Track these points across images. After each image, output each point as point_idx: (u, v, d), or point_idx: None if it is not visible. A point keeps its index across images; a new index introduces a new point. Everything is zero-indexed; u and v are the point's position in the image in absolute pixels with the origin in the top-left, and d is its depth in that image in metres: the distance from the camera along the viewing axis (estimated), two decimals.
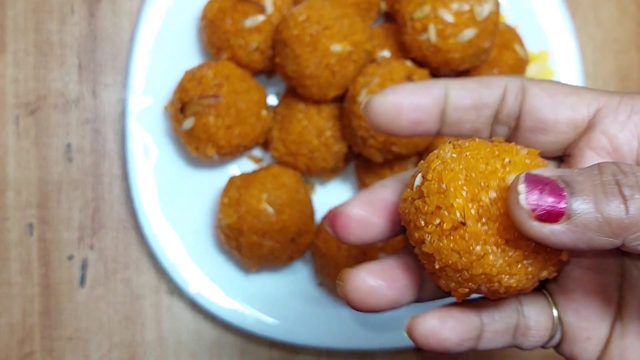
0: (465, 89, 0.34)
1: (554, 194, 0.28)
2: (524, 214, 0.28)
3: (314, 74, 0.61)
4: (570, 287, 0.35)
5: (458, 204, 0.30)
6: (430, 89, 0.34)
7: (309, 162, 0.65)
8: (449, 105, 0.34)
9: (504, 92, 0.34)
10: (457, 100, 0.34)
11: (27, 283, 0.67)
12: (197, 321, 0.68)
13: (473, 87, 0.35)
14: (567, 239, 0.28)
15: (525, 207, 0.28)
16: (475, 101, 0.34)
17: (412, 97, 0.34)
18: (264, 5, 0.64)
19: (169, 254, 0.66)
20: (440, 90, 0.34)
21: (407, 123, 0.34)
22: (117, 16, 0.70)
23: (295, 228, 0.63)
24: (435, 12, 0.60)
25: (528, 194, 0.28)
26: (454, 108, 0.34)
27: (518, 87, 0.34)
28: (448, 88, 0.34)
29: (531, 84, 0.35)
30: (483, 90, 0.34)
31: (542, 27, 0.71)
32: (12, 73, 0.69)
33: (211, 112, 0.61)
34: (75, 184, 0.68)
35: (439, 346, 0.33)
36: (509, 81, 0.35)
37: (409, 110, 0.34)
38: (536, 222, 0.28)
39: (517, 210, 0.28)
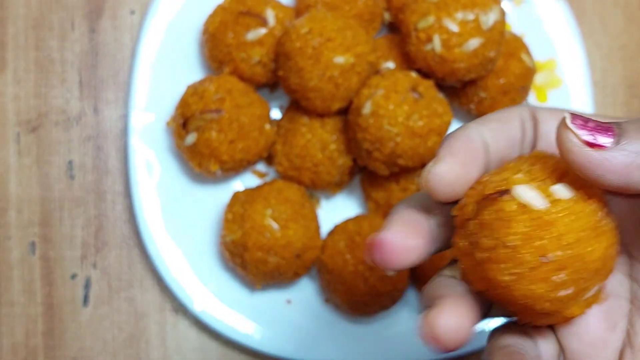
0: (494, 130, 0.33)
1: (603, 127, 0.29)
2: (574, 139, 0.29)
3: (317, 86, 0.60)
4: None
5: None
6: (476, 156, 0.32)
7: (313, 176, 0.64)
8: (491, 153, 0.33)
9: (521, 123, 0.34)
10: (495, 145, 0.33)
11: (30, 303, 0.67)
12: (202, 339, 0.67)
13: (498, 127, 0.33)
14: (620, 163, 0.28)
15: (575, 131, 0.29)
16: (508, 140, 0.33)
17: (464, 171, 0.32)
18: (266, 18, 0.63)
19: (173, 272, 0.65)
20: (480, 141, 0.32)
21: (463, 190, 0.32)
22: (118, 31, 0.69)
23: (301, 244, 0.62)
24: (439, 22, 0.59)
25: (578, 125, 0.29)
26: (495, 152, 0.33)
27: (529, 115, 0.34)
28: (483, 136, 0.33)
29: (539, 110, 0.34)
30: (506, 127, 0.33)
31: (548, 35, 0.70)
32: (13, 91, 0.68)
33: (213, 127, 0.61)
34: (78, 202, 0.68)
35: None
36: (520, 111, 0.34)
37: (465, 183, 0.32)
38: (589, 148, 0.28)
39: (567, 138, 0.29)
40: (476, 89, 0.65)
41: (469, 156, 0.32)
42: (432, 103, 0.60)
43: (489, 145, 0.33)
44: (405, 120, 0.58)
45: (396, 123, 0.58)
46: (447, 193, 0.31)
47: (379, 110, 0.58)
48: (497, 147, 0.33)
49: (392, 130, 0.58)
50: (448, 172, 0.31)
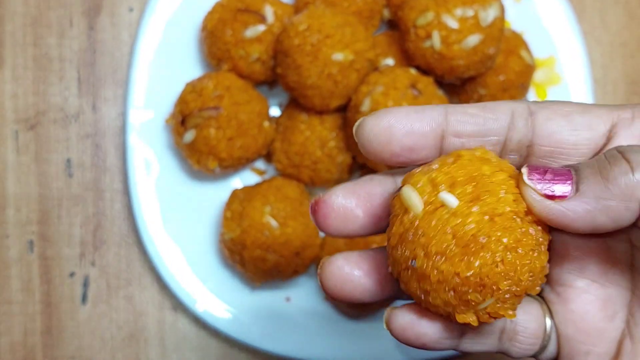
0: (468, 114, 0.32)
1: (561, 175, 0.29)
2: (534, 195, 0.29)
3: (316, 84, 0.59)
4: (570, 298, 0.34)
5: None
6: (427, 112, 0.31)
7: (312, 174, 0.64)
8: (449, 131, 0.31)
9: (511, 118, 0.32)
10: (459, 127, 0.32)
11: (28, 301, 0.66)
12: (201, 337, 0.67)
13: (475, 112, 0.32)
14: (583, 211, 0.29)
15: (533, 186, 0.29)
16: (480, 127, 0.32)
17: (406, 121, 0.31)
18: (264, 15, 0.63)
19: (172, 270, 0.64)
20: (439, 114, 0.31)
21: (399, 149, 0.31)
22: (116, 29, 0.69)
23: (300, 241, 0.62)
24: (438, 19, 0.59)
25: (534, 179, 0.29)
26: (455, 134, 0.32)
27: (526, 111, 0.32)
28: (448, 113, 0.32)
29: (539, 107, 0.32)
30: (487, 116, 0.32)
31: (548, 32, 0.69)
32: (11, 88, 0.68)
33: (212, 124, 0.60)
34: (76, 200, 0.67)
35: (417, 341, 0.32)
36: (515, 106, 0.32)
37: (403, 134, 0.31)
38: (550, 201, 0.29)
39: (527, 194, 0.29)
40: (475, 86, 0.65)
41: (417, 121, 0.31)
42: (431, 100, 0.59)
43: (450, 125, 0.31)
44: None
45: None
46: (373, 146, 0.31)
47: (377, 107, 0.58)
48: (460, 131, 0.32)
49: None
50: (382, 125, 0.31)
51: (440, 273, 0.29)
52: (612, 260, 0.33)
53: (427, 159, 0.32)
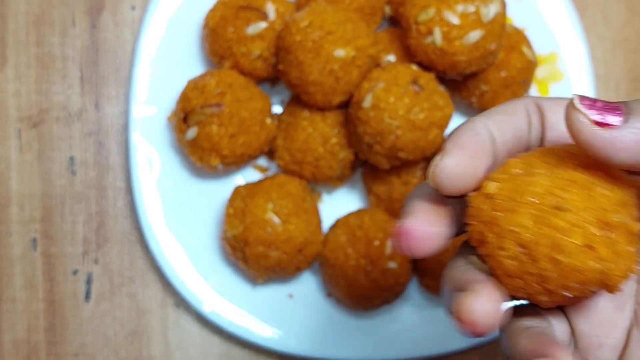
0: (501, 122, 0.33)
1: (611, 107, 0.29)
2: (584, 119, 0.29)
3: (318, 80, 0.60)
4: None
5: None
6: (484, 149, 0.32)
7: (315, 171, 0.64)
8: (498, 146, 0.32)
9: (527, 115, 0.34)
10: (502, 138, 0.33)
11: (31, 299, 0.67)
12: (204, 335, 0.67)
13: (504, 118, 0.33)
14: (630, 140, 0.28)
15: (584, 111, 0.29)
16: (515, 131, 0.33)
17: (471, 162, 0.31)
18: (266, 12, 0.63)
19: (175, 267, 0.65)
20: (487, 134, 0.32)
21: (472, 186, 0.32)
22: (118, 27, 0.69)
23: (302, 238, 0.62)
24: (440, 15, 0.59)
25: (586, 105, 0.29)
26: (502, 144, 0.33)
27: (534, 106, 0.34)
28: (489, 129, 0.32)
29: (544, 100, 0.34)
30: (513, 119, 0.33)
31: (550, 28, 0.69)
32: (14, 87, 0.68)
33: (214, 121, 0.60)
34: (79, 198, 0.67)
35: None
36: (526, 102, 0.34)
37: (473, 177, 0.31)
38: (598, 128, 0.29)
39: (576, 119, 0.29)
40: (477, 82, 0.65)
41: (476, 149, 0.32)
42: (433, 96, 0.59)
43: (495, 138, 0.32)
44: (406, 113, 0.58)
45: (397, 116, 0.58)
46: (454, 187, 0.31)
47: (379, 104, 0.58)
48: (504, 140, 0.33)
49: (392, 123, 0.58)
50: (455, 166, 0.31)
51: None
52: None
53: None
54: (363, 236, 0.62)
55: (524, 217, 0.29)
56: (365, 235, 0.62)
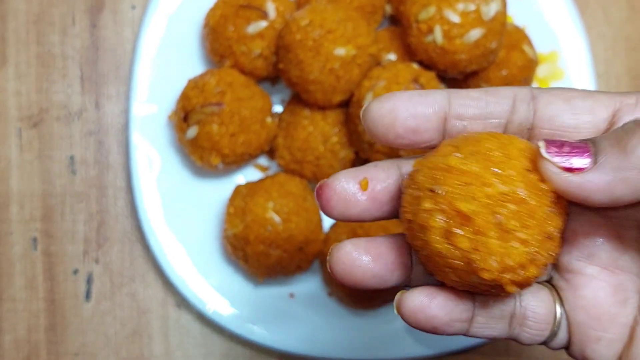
0: (470, 98, 0.33)
1: (579, 149, 0.29)
2: (553, 168, 0.29)
3: (318, 79, 0.59)
4: (581, 284, 0.34)
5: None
6: (430, 96, 0.33)
7: (315, 169, 0.64)
8: (452, 114, 0.32)
9: (513, 102, 0.33)
10: (461, 110, 0.33)
11: (32, 298, 0.66)
12: (205, 334, 0.67)
13: (478, 95, 0.33)
14: (602, 182, 0.28)
15: (551, 160, 0.29)
16: (481, 110, 0.33)
17: (409, 104, 0.32)
18: (266, 10, 0.63)
19: (176, 267, 0.64)
20: (441, 98, 0.32)
21: (403, 131, 0.32)
22: (118, 26, 0.69)
23: (303, 237, 0.62)
24: (440, 13, 0.59)
25: (552, 152, 0.29)
26: (457, 117, 0.33)
27: (528, 95, 0.33)
28: (451, 96, 0.33)
29: (541, 91, 0.33)
30: (489, 99, 0.33)
31: (551, 27, 0.69)
32: (14, 86, 0.68)
33: (214, 120, 0.60)
34: (79, 197, 0.67)
35: (427, 324, 0.33)
36: (517, 90, 0.33)
37: (406, 117, 0.32)
38: (568, 174, 0.29)
39: (545, 167, 0.29)
40: (478, 81, 0.65)
41: (420, 104, 0.32)
42: None
43: (452, 108, 0.32)
44: None
45: None
46: (378, 128, 0.32)
47: None
48: (462, 113, 0.33)
49: None
50: (386, 109, 0.32)
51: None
52: (622, 247, 0.33)
53: (430, 141, 0.33)
54: (364, 235, 0.62)
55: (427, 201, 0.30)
56: (366, 234, 0.62)
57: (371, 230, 0.62)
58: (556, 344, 0.35)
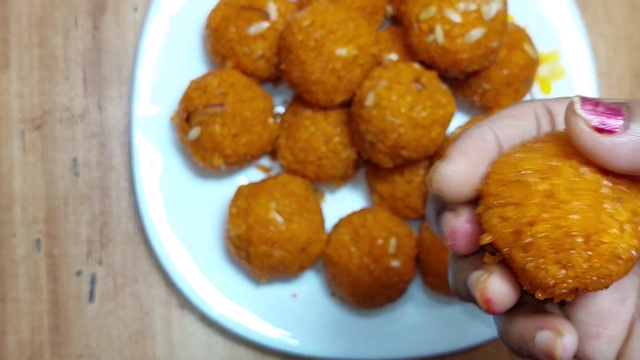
0: (508, 127, 0.33)
1: (612, 110, 0.29)
2: (583, 125, 0.29)
3: (320, 79, 0.60)
4: None
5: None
6: (487, 151, 0.32)
7: (317, 170, 0.64)
8: (503, 150, 0.32)
9: (536, 118, 0.33)
10: (509, 142, 0.32)
11: (35, 299, 0.67)
12: (208, 334, 0.67)
13: (512, 123, 0.33)
14: (629, 148, 0.28)
15: (584, 116, 0.29)
16: (523, 136, 0.33)
17: (475, 170, 0.31)
18: (268, 11, 0.63)
19: (179, 267, 0.65)
20: (493, 140, 0.32)
21: (473, 190, 0.32)
22: (121, 28, 0.70)
23: (305, 237, 0.62)
24: (441, 13, 0.59)
25: (587, 109, 0.29)
26: (508, 148, 0.33)
27: (544, 109, 0.34)
28: (496, 132, 0.32)
29: (553, 102, 0.34)
30: (521, 123, 0.33)
31: (552, 26, 0.69)
32: (17, 88, 0.68)
33: (217, 121, 0.61)
34: (82, 199, 0.68)
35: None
36: (535, 106, 0.34)
37: (475, 181, 0.31)
38: (598, 134, 0.28)
39: (575, 124, 0.29)
40: (479, 80, 0.65)
41: (480, 156, 0.32)
42: (435, 94, 0.59)
43: (502, 144, 0.32)
44: (408, 111, 0.58)
45: (399, 114, 0.58)
46: (455, 193, 0.31)
47: (381, 102, 0.58)
48: (511, 145, 0.32)
49: (395, 121, 0.58)
50: (457, 172, 0.31)
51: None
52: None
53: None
54: (366, 235, 0.62)
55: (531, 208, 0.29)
56: (369, 234, 0.62)
57: (373, 230, 0.62)
58: None
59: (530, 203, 0.29)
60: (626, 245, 0.29)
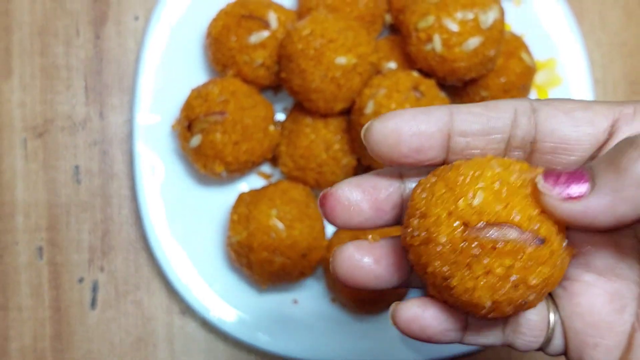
0: (472, 114, 0.32)
1: (576, 176, 0.29)
2: (552, 200, 0.29)
3: (320, 87, 0.60)
4: (577, 292, 0.34)
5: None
6: (433, 113, 0.32)
7: (318, 176, 0.65)
8: (455, 131, 0.32)
9: (514, 116, 0.33)
10: (464, 126, 0.32)
11: (38, 307, 0.67)
12: (209, 341, 0.68)
13: (479, 111, 0.33)
14: (602, 206, 0.28)
15: (551, 193, 0.29)
16: (484, 126, 0.32)
17: (413, 123, 0.32)
18: (268, 21, 0.64)
19: (180, 274, 0.65)
20: (444, 115, 0.32)
21: (408, 150, 0.32)
22: (122, 37, 0.70)
23: (306, 243, 0.62)
24: (439, 22, 0.60)
25: (550, 184, 0.29)
26: (461, 134, 0.32)
27: (528, 108, 0.33)
28: (453, 113, 0.32)
29: (541, 103, 0.33)
30: (490, 115, 0.32)
31: (548, 34, 0.70)
32: (19, 97, 0.69)
33: (218, 129, 0.61)
34: (84, 206, 0.68)
35: (422, 334, 0.33)
36: (517, 104, 0.33)
37: (410, 136, 0.32)
38: (569, 203, 0.29)
39: (546, 200, 0.29)
40: (477, 88, 0.66)
41: (423, 122, 0.32)
42: (433, 102, 0.60)
43: (455, 125, 0.32)
44: None
45: None
46: (382, 148, 0.32)
47: (381, 110, 0.59)
48: (465, 130, 0.32)
49: None
50: (389, 128, 0.32)
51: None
52: (619, 255, 0.33)
53: (435, 159, 0.33)
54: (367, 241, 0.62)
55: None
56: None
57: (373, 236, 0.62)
58: (552, 350, 0.35)
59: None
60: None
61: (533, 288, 0.30)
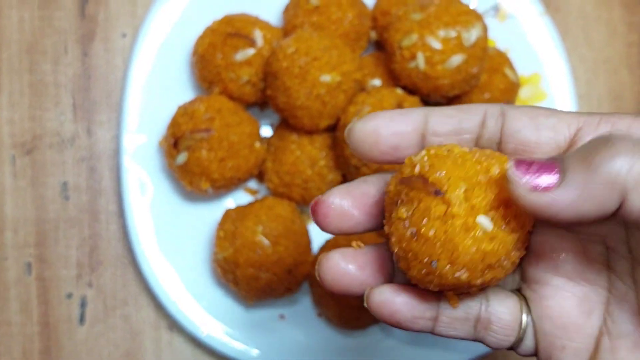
0: (445, 115, 0.35)
1: (546, 167, 0.30)
2: (520, 188, 0.29)
3: (305, 104, 0.61)
4: (547, 295, 0.35)
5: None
6: (409, 115, 0.35)
7: (303, 192, 0.65)
8: (429, 131, 0.35)
9: (483, 118, 0.35)
10: (437, 127, 0.35)
11: (26, 322, 0.67)
12: (197, 355, 0.68)
13: (452, 113, 0.35)
14: (568, 200, 0.29)
15: (519, 180, 0.29)
16: (455, 126, 0.35)
17: (390, 123, 0.35)
18: (254, 38, 0.64)
19: (167, 290, 0.65)
20: (419, 116, 0.35)
21: (386, 148, 0.35)
22: (110, 54, 0.71)
23: (292, 259, 0.63)
24: (423, 40, 0.61)
25: (521, 171, 0.30)
26: (434, 134, 0.35)
27: (498, 111, 0.35)
28: (428, 115, 0.35)
29: (510, 108, 0.35)
30: (462, 116, 0.35)
31: (533, 50, 0.71)
32: (8, 114, 0.69)
33: (204, 146, 0.62)
34: (72, 222, 0.69)
35: (391, 318, 0.35)
36: (488, 107, 0.35)
37: (388, 135, 0.34)
38: (536, 193, 0.29)
39: (513, 187, 0.30)
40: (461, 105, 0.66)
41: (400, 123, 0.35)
42: None
43: (429, 125, 0.35)
44: None
45: None
46: (363, 147, 0.35)
47: None
48: (438, 130, 0.35)
49: None
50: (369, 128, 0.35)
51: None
52: (587, 260, 0.34)
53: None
54: None
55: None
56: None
57: None
58: (523, 351, 0.36)
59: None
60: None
61: (430, 240, 0.31)
